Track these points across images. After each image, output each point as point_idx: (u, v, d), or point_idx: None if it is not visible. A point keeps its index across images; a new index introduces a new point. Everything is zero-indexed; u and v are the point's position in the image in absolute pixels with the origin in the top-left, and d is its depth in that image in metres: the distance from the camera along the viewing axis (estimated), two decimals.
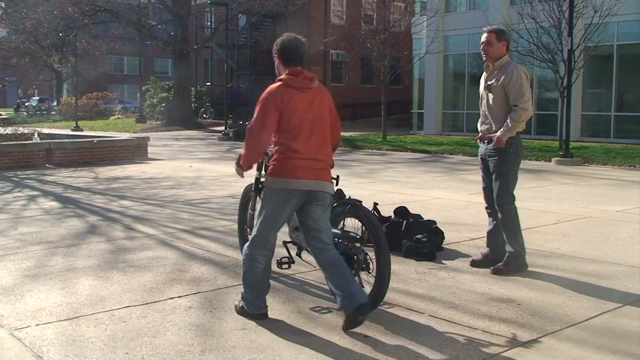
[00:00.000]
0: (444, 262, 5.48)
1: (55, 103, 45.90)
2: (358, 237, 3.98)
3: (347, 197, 4.50)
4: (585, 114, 21.66)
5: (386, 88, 21.77)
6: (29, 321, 3.99)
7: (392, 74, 22.16)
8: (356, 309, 3.69)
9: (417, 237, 5.78)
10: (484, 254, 5.34)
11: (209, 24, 37.65)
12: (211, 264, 5.42)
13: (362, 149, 19.49)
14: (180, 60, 30.77)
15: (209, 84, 37.18)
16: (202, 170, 13.16)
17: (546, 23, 16.90)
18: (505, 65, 5.10)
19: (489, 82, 5.17)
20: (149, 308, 4.23)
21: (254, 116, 3.89)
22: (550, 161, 15.29)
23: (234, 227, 6.45)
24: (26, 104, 49.63)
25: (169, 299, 4.44)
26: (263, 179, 4.22)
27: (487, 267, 5.17)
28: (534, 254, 5.68)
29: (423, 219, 6.31)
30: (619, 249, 6.00)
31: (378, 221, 4.23)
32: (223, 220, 7.40)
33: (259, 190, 4.45)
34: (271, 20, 33.21)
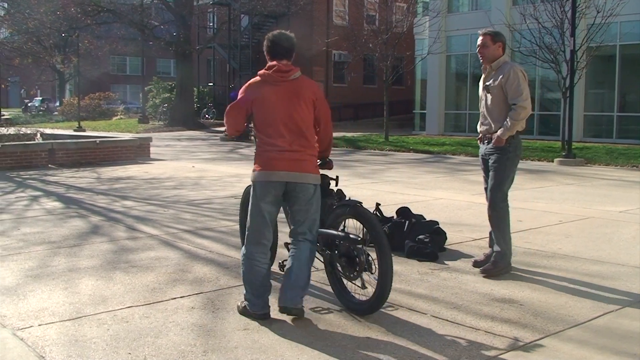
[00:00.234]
0: (446, 262, 5.48)
1: (57, 103, 45.93)
2: (359, 239, 3.98)
3: (347, 198, 4.49)
4: (588, 114, 21.62)
5: (388, 88, 21.75)
6: (32, 321, 3.99)
7: (394, 75, 22.13)
8: (280, 307, 3.98)
9: (419, 237, 5.78)
10: (487, 254, 5.33)
11: (211, 24, 37.73)
12: (213, 264, 5.43)
13: (364, 150, 19.49)
14: (183, 60, 30.78)
15: (211, 84, 37.23)
16: (204, 170, 13.17)
17: (548, 23, 16.86)
18: (502, 66, 5.12)
19: (487, 83, 5.20)
20: (152, 308, 4.24)
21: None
22: (552, 161, 15.27)
23: (236, 227, 6.45)
24: (29, 105, 49.67)
25: (172, 299, 4.44)
26: None
27: None
28: (536, 255, 5.68)
29: (425, 219, 6.31)
30: (622, 249, 5.99)
31: (379, 222, 4.22)
32: (225, 221, 7.40)
33: None
34: (273, 20, 33.19)
